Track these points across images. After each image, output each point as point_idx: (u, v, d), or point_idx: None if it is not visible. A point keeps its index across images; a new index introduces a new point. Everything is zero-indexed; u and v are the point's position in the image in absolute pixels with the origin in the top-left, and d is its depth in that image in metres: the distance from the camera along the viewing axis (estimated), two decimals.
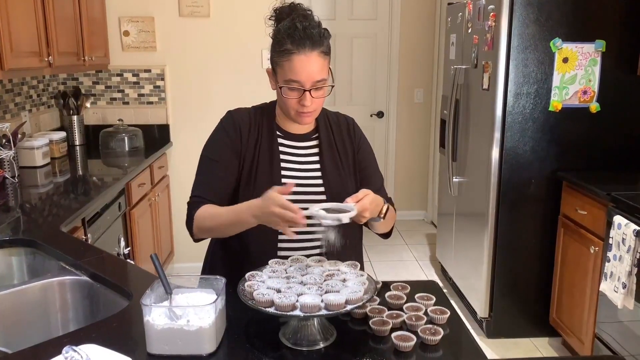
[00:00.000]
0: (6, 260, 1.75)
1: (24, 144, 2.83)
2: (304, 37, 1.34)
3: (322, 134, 1.53)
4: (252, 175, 1.47)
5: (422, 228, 4.97)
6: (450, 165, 3.45)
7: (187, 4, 3.64)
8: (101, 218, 2.45)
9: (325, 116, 1.57)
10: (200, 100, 3.76)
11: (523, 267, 2.97)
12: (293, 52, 1.34)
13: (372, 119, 4.96)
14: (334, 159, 1.52)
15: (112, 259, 1.62)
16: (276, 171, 1.48)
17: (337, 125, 1.57)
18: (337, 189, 1.48)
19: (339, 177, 1.51)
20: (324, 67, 1.38)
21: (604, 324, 2.43)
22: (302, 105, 1.39)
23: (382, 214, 1.41)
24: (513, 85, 2.78)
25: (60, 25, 2.77)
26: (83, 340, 1.07)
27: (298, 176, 1.49)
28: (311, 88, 1.37)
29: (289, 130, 1.52)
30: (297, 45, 1.34)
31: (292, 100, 1.39)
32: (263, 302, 1.10)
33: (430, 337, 1.15)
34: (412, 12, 4.76)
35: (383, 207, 1.41)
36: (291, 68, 1.35)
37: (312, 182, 1.49)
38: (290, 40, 1.35)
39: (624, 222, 2.19)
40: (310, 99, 1.38)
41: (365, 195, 1.29)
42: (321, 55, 1.37)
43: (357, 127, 1.61)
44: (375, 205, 1.35)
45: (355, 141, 1.57)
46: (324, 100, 1.45)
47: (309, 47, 1.34)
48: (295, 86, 1.37)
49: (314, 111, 1.43)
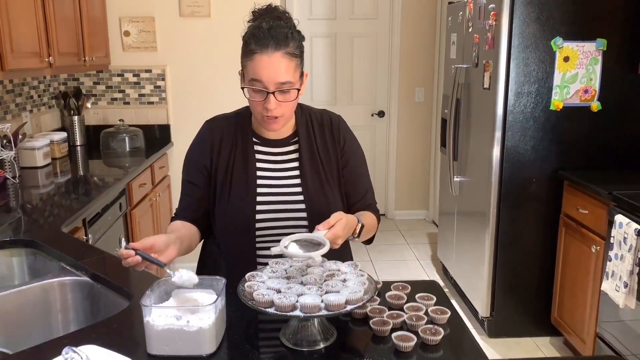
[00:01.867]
0: (7, 261, 1.75)
1: (25, 144, 2.83)
2: (268, 36, 1.30)
3: (302, 137, 1.47)
4: (226, 186, 1.44)
5: (423, 227, 4.97)
6: (452, 164, 3.44)
7: (187, 4, 3.64)
8: (102, 218, 2.45)
9: (307, 117, 1.50)
10: (200, 100, 3.76)
11: (524, 267, 2.97)
12: (256, 52, 1.31)
13: (373, 118, 4.95)
14: (314, 165, 1.46)
15: (112, 260, 1.62)
16: (251, 179, 1.43)
17: (320, 126, 1.50)
18: (317, 197, 1.43)
19: (319, 184, 1.45)
20: (290, 69, 1.32)
21: (605, 323, 2.43)
22: (266, 109, 1.33)
23: (355, 233, 1.35)
24: (514, 85, 2.78)
25: (61, 26, 2.78)
26: (83, 341, 1.07)
27: (275, 184, 1.44)
28: (275, 90, 1.31)
29: (266, 135, 1.47)
30: (260, 45, 1.30)
31: (257, 103, 1.34)
32: (263, 303, 1.10)
33: (431, 337, 1.15)
34: (413, 11, 4.76)
35: (357, 228, 1.35)
36: (253, 68, 1.31)
37: (290, 191, 1.44)
38: (254, 40, 1.32)
39: (626, 221, 2.19)
40: (274, 102, 1.31)
41: (338, 221, 1.23)
42: (286, 57, 1.31)
43: (342, 125, 1.52)
44: (349, 229, 1.30)
45: (339, 140, 1.49)
46: (293, 106, 1.38)
47: (272, 47, 1.30)
48: (257, 87, 1.32)
49: (281, 117, 1.36)
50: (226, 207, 1.35)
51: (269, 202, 1.42)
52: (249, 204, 1.42)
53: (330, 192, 1.46)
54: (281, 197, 1.43)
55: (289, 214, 1.43)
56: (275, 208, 1.41)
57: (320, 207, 1.43)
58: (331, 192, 1.46)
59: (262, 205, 1.42)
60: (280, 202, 1.42)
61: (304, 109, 1.51)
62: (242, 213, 1.39)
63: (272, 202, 1.42)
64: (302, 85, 1.39)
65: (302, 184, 1.45)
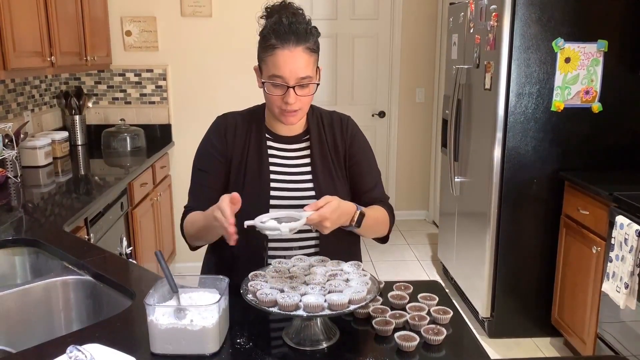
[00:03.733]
0: (9, 260, 1.75)
1: (27, 143, 2.84)
2: (289, 32, 1.31)
3: (313, 135, 1.49)
4: (240, 180, 1.44)
5: (424, 228, 4.97)
6: (452, 165, 3.44)
7: (189, 3, 3.64)
8: (103, 218, 2.45)
9: (318, 116, 1.52)
10: (202, 99, 3.76)
11: (525, 267, 2.97)
12: (277, 47, 1.32)
13: (374, 118, 4.96)
14: (325, 161, 1.48)
15: (114, 259, 1.62)
16: (265, 175, 1.44)
17: (331, 126, 1.52)
18: (328, 192, 1.42)
19: (330, 179, 1.47)
20: (309, 64, 1.34)
21: (606, 324, 2.43)
22: (286, 103, 1.34)
23: (353, 221, 1.33)
24: (515, 85, 2.78)
25: (63, 25, 2.78)
26: (87, 340, 1.07)
27: (288, 180, 1.46)
28: (295, 85, 1.33)
29: (279, 132, 1.49)
30: (281, 40, 1.31)
31: (276, 98, 1.35)
32: (266, 302, 1.10)
33: (433, 337, 1.15)
34: (414, 11, 4.76)
35: (355, 215, 1.33)
36: (274, 63, 1.32)
37: (302, 187, 1.46)
38: (274, 35, 1.32)
39: (626, 222, 2.19)
40: (294, 97, 1.33)
41: (327, 203, 1.22)
42: (306, 52, 1.33)
43: (351, 124, 1.54)
44: (340, 213, 1.26)
45: (346, 138, 1.51)
46: (310, 100, 1.40)
47: (294, 43, 1.31)
48: (278, 82, 1.33)
49: (299, 110, 1.38)
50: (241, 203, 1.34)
51: (281, 197, 1.43)
52: (262, 199, 1.43)
53: (342, 189, 1.48)
54: (294, 192, 1.45)
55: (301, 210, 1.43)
56: (288, 204, 1.41)
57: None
58: (342, 189, 1.48)
59: (275, 200, 1.43)
60: (292, 198, 1.44)
61: (314, 110, 1.53)
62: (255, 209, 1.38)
63: (284, 197, 1.43)
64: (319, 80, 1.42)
65: (314, 180, 1.46)
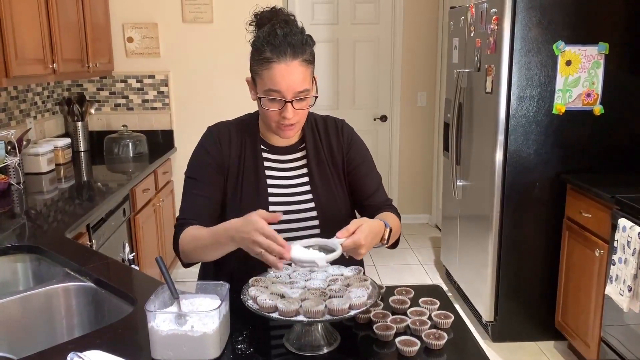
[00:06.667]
0: (11, 267, 1.76)
1: (29, 150, 2.85)
2: (285, 44, 1.25)
3: (309, 143, 1.45)
4: (237, 193, 1.40)
5: (426, 231, 4.97)
6: (454, 168, 3.44)
7: (190, 10, 3.66)
8: (106, 224, 2.46)
9: (313, 123, 1.48)
10: (203, 105, 3.77)
11: (528, 271, 2.96)
12: (273, 61, 1.26)
13: (375, 122, 4.96)
14: (323, 171, 1.45)
15: (116, 265, 1.62)
16: (262, 189, 1.41)
17: (325, 131, 1.48)
18: (327, 202, 1.42)
19: (328, 188, 1.44)
20: (307, 76, 1.29)
21: (609, 327, 2.42)
22: (284, 118, 1.29)
23: (384, 240, 1.28)
24: (516, 89, 2.78)
25: (65, 32, 2.79)
26: (88, 346, 1.07)
27: (286, 193, 1.43)
28: (293, 99, 1.28)
29: (274, 143, 1.45)
30: (277, 54, 1.25)
31: (273, 113, 1.30)
32: (267, 308, 1.10)
33: (435, 342, 1.15)
34: (415, 16, 4.77)
35: (385, 233, 1.28)
36: (271, 78, 1.26)
37: (301, 199, 1.42)
38: (269, 48, 1.26)
39: (629, 224, 2.19)
40: (292, 111, 1.28)
41: (359, 228, 1.16)
42: (303, 64, 1.28)
43: (346, 128, 1.50)
44: (373, 236, 1.22)
45: (343, 142, 1.47)
46: (307, 112, 1.36)
47: (290, 56, 1.25)
48: (275, 97, 1.28)
49: (297, 123, 1.34)
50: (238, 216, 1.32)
51: (280, 211, 1.39)
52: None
53: (340, 196, 1.46)
54: (292, 206, 1.42)
55: (301, 224, 1.42)
56: (288, 218, 1.38)
57: (332, 211, 1.42)
58: (341, 197, 1.46)
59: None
60: (292, 212, 1.41)
61: (309, 116, 1.49)
62: None
63: (283, 211, 1.39)
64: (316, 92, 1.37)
65: (312, 190, 1.43)
